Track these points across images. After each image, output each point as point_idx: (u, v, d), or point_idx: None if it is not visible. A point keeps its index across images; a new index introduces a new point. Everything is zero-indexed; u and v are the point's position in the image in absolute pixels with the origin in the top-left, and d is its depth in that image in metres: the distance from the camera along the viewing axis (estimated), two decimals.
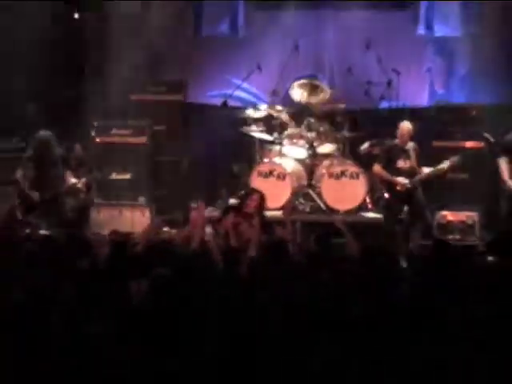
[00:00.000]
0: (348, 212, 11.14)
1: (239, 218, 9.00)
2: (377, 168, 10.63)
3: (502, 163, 10.23)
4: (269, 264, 7.06)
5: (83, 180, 11.05)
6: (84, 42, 12.35)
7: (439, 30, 12.73)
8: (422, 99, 12.76)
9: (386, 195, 10.66)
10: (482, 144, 11.39)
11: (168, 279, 6.04)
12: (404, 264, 7.48)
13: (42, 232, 9.98)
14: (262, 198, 9.52)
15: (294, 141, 11.60)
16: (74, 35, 12.28)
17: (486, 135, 11.32)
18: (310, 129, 11.59)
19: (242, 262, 7.51)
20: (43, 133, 10.61)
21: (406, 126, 10.57)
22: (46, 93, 11.89)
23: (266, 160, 11.54)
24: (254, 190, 9.84)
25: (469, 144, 11.43)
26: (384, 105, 12.00)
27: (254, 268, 7.01)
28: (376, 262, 6.74)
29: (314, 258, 7.33)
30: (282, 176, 11.22)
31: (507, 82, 12.31)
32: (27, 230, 10.06)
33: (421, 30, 12.75)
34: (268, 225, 9.04)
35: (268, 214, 10.30)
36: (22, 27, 11.60)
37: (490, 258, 8.25)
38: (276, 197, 10.99)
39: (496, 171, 10.35)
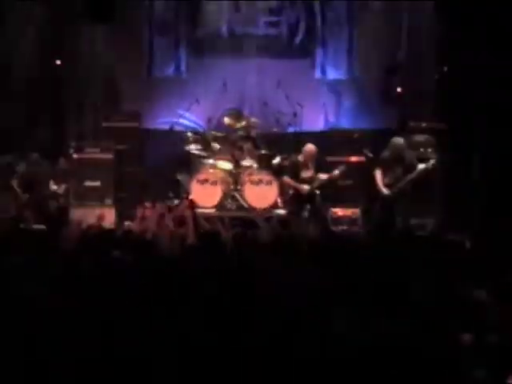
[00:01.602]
0: (264, 209, 11.12)
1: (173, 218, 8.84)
2: (286, 179, 10.78)
3: (377, 173, 10.18)
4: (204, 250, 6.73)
5: (63, 186, 11.09)
6: (63, 82, 12.19)
7: (331, 74, 12.85)
8: (319, 125, 12.84)
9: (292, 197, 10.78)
10: (362, 158, 11.51)
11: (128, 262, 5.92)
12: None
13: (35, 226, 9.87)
14: (193, 202, 9.43)
15: (224, 156, 11.63)
16: (57, 77, 12.13)
17: (366, 152, 11.46)
18: (235, 147, 11.59)
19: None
20: (33, 154, 10.80)
21: (309, 147, 10.64)
22: (36, 121, 11.85)
23: (202, 170, 11.47)
24: (187, 197, 9.83)
25: (353, 159, 11.56)
26: (291, 129, 12.15)
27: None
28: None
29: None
30: (214, 182, 11.21)
31: (381, 112, 12.58)
32: (22, 225, 9.89)
33: (317, 75, 12.86)
34: (199, 223, 8.87)
35: (204, 211, 10.56)
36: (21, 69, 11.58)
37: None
38: (210, 198, 11.14)
39: (373, 179, 10.27)
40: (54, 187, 11.02)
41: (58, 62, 12.07)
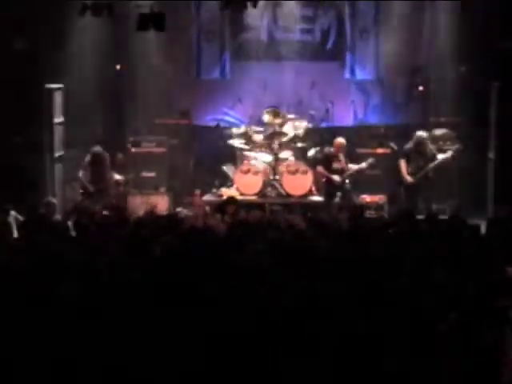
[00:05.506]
0: (300, 196, 11.21)
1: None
2: (319, 168, 10.86)
3: (402, 163, 10.29)
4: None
5: (123, 177, 11.24)
6: (122, 84, 12.26)
7: (359, 75, 12.78)
8: (349, 121, 12.79)
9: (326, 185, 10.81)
10: (388, 151, 11.55)
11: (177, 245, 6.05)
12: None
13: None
14: (238, 205, 9.11)
15: (264, 149, 11.70)
16: (116, 80, 12.21)
17: (391, 145, 11.54)
18: (274, 141, 11.58)
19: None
20: (97, 148, 10.74)
21: (339, 141, 10.75)
22: (99, 119, 11.89)
23: (245, 162, 11.53)
24: (232, 200, 9.45)
25: (380, 150, 11.58)
26: (323, 125, 12.20)
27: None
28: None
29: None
30: (255, 173, 11.27)
31: (404, 109, 12.50)
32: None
33: (347, 75, 12.79)
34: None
35: (247, 198, 10.76)
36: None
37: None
38: (252, 187, 11.24)
39: (397, 169, 10.39)
40: (116, 177, 11.09)
41: (118, 67, 12.12)
